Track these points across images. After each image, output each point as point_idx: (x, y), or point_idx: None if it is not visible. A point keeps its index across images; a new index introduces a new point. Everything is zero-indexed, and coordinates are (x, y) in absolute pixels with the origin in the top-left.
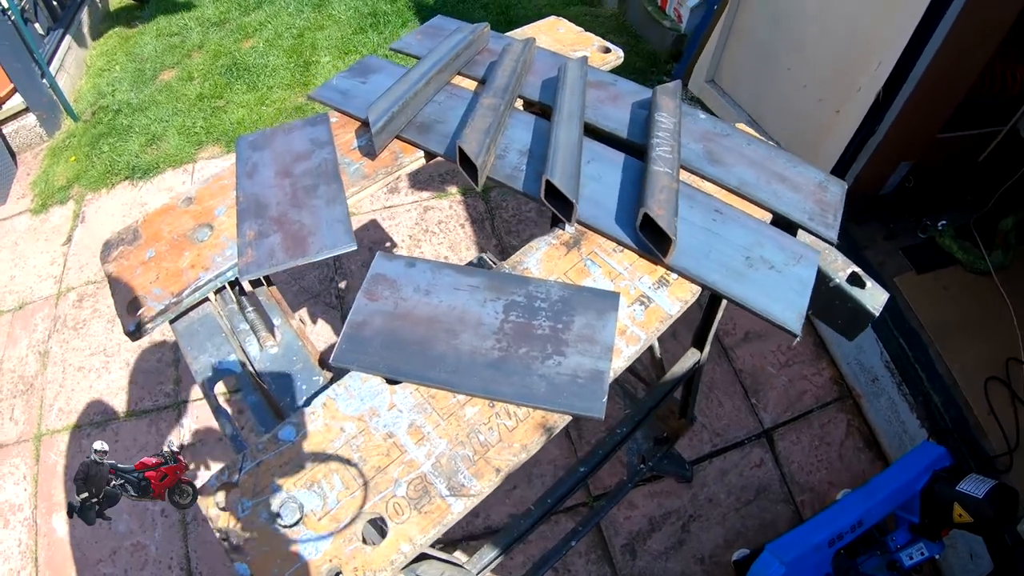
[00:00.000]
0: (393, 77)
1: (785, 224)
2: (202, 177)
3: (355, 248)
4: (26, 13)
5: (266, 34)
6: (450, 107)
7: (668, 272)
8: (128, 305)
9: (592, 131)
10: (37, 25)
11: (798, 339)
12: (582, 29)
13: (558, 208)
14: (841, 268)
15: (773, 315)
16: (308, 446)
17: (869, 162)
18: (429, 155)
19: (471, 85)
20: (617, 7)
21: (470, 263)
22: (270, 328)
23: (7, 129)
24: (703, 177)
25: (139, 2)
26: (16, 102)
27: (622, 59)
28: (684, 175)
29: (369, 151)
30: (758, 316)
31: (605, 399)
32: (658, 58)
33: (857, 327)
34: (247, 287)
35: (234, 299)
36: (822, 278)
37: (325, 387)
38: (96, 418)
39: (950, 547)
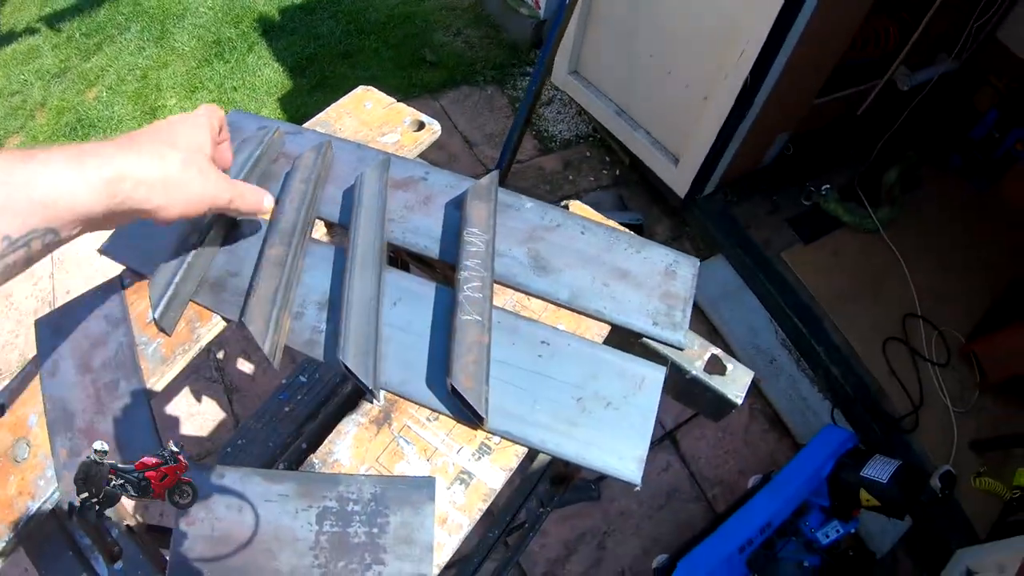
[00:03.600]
0: None
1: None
2: (62, 258)
3: None
4: None
5: (109, 80)
6: (244, 249)
7: (489, 436)
8: None
9: (402, 250)
10: None
11: (638, 488)
12: (393, 101)
13: (359, 381)
14: (698, 355)
15: (611, 468)
16: None
17: (745, 141)
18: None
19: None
20: None
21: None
22: (111, 542)
23: None
24: (528, 294)
25: None
26: None
27: (438, 133)
28: (507, 296)
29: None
30: (595, 471)
31: None
32: (519, 48)
33: (722, 413)
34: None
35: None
36: (676, 370)
37: None
38: None
39: (866, 512)
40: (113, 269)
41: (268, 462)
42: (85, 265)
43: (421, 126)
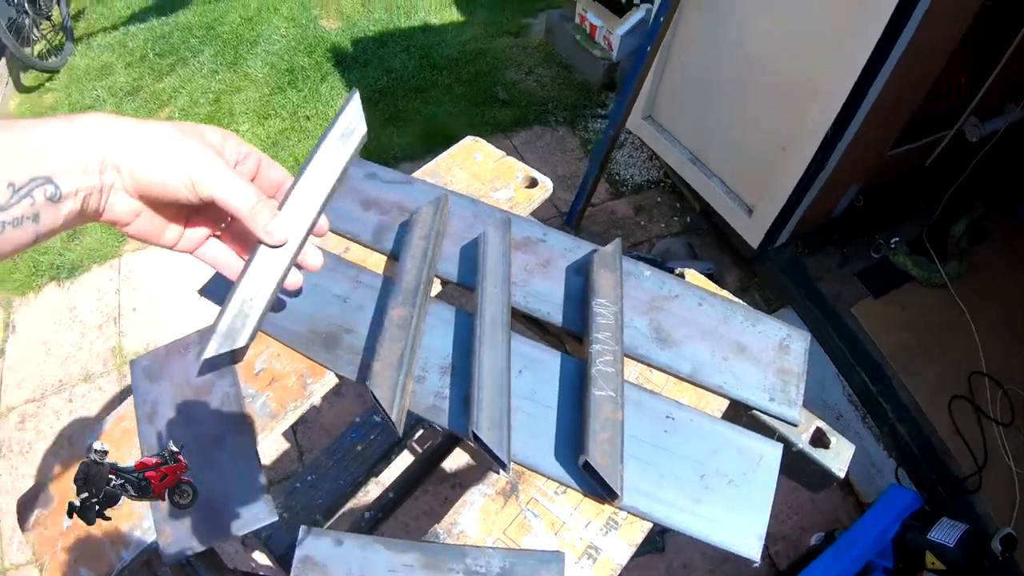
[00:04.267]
0: None
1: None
2: (129, 273)
3: (276, 520)
4: None
5: (181, 101)
6: (358, 305)
7: (616, 510)
8: None
9: (522, 315)
10: None
11: (756, 564)
12: (503, 154)
13: (491, 453)
14: (804, 428)
15: (732, 546)
16: None
17: (819, 193)
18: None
19: (380, 259)
20: (544, 36)
21: None
22: None
23: None
24: (651, 366)
25: (49, 72)
26: None
27: (551, 191)
28: (631, 367)
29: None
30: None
31: None
32: (590, 89)
33: (823, 486)
34: None
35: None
36: (782, 442)
37: None
38: None
39: (928, 574)
40: (177, 287)
41: (339, 500)
42: (152, 283)
43: (534, 183)
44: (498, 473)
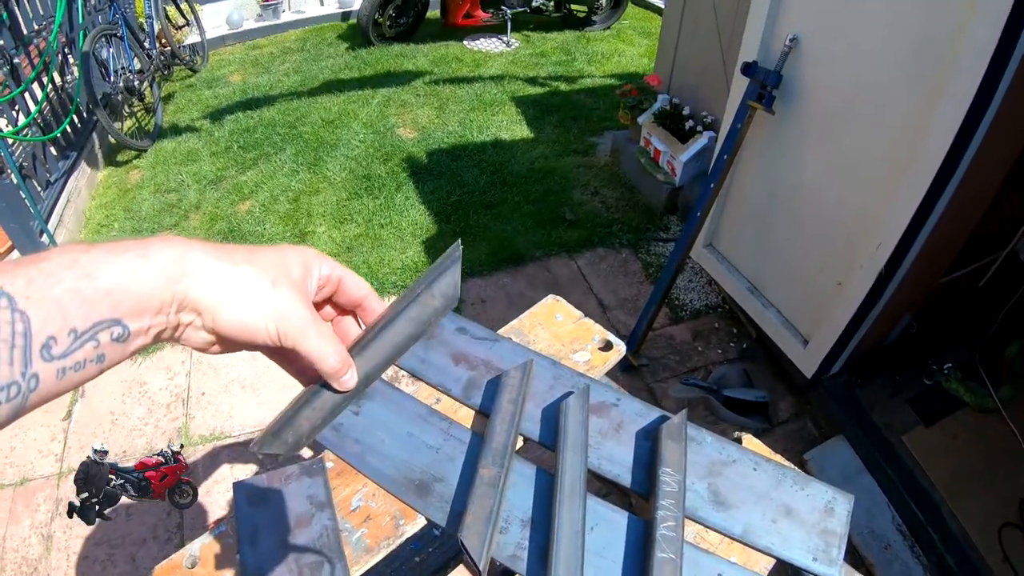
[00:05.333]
0: (390, 408)
1: None
2: (201, 358)
3: None
4: (24, 170)
5: (262, 196)
6: (449, 456)
7: None
8: None
9: (593, 473)
10: (35, 181)
11: None
12: (581, 315)
13: None
14: None
15: None
16: None
17: (873, 324)
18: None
19: (468, 413)
20: (610, 157)
21: None
22: None
23: None
24: (707, 527)
25: (137, 150)
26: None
27: (623, 354)
28: (690, 527)
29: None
30: None
31: None
32: (653, 212)
33: None
34: None
35: None
36: None
37: None
38: None
39: None
40: (246, 377)
41: None
42: (223, 370)
43: (609, 346)
44: None
